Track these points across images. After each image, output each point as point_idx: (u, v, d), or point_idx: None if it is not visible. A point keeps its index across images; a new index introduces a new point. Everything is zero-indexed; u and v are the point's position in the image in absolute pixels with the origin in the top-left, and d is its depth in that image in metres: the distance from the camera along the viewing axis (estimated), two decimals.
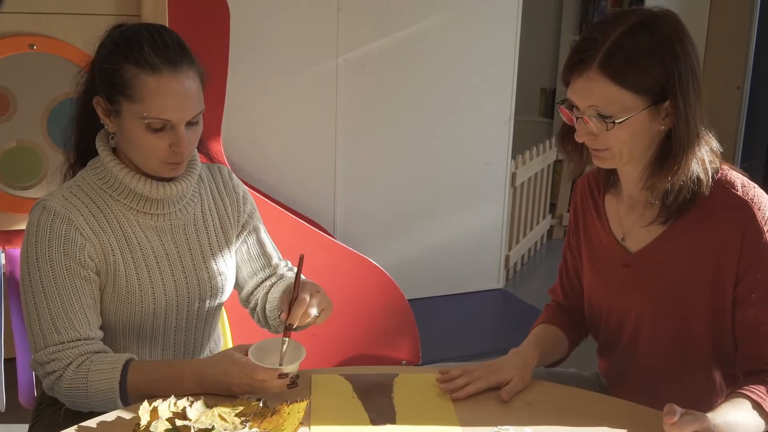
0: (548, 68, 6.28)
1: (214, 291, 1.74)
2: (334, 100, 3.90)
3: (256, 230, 1.84)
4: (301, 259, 1.58)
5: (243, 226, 1.82)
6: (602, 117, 1.49)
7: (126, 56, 1.54)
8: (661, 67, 1.46)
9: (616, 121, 1.48)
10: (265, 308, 1.80)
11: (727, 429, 1.35)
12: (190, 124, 1.58)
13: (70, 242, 1.56)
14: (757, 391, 1.45)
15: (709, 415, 1.32)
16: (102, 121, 1.62)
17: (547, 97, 6.31)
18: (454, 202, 4.30)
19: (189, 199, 1.72)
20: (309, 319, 1.56)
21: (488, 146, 4.34)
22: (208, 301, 1.74)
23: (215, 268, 1.73)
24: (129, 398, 1.49)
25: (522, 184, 4.71)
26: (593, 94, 1.48)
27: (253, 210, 1.85)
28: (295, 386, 1.47)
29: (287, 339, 1.50)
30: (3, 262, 2.66)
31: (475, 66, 4.20)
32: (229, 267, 1.78)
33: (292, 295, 1.55)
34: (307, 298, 1.55)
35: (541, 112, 6.35)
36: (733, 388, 1.51)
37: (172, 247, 1.68)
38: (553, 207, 5.52)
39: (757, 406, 1.44)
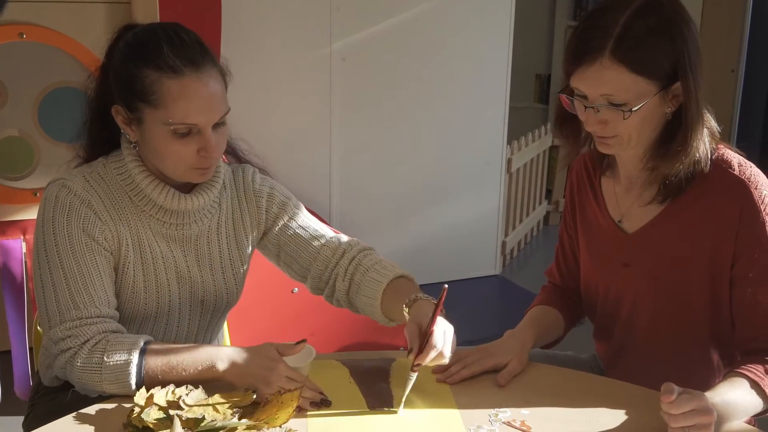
0: (543, 54, 6.25)
1: (219, 304, 1.71)
2: (328, 88, 3.88)
3: (293, 218, 1.74)
4: (444, 291, 1.42)
5: (273, 223, 1.74)
6: (614, 105, 1.46)
7: (145, 60, 1.48)
8: (672, 48, 1.45)
9: (633, 109, 1.45)
10: (348, 293, 1.70)
11: (725, 408, 1.34)
12: (216, 125, 1.52)
13: (89, 222, 1.52)
14: (755, 371, 1.44)
15: (707, 394, 1.32)
16: (123, 130, 1.56)
17: (542, 83, 6.29)
18: (450, 188, 4.29)
19: (206, 210, 1.66)
20: (439, 363, 1.45)
21: (483, 133, 4.32)
22: (210, 313, 1.72)
23: (222, 282, 1.70)
24: (144, 379, 1.43)
25: (518, 170, 4.71)
26: (606, 83, 1.45)
27: (285, 201, 1.75)
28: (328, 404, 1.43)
29: (415, 374, 1.43)
30: None
31: (469, 52, 4.18)
32: (237, 281, 1.73)
33: (427, 329, 1.42)
34: (440, 344, 1.41)
35: (536, 98, 6.33)
36: (730, 368, 1.50)
37: (180, 256, 1.64)
38: (549, 193, 5.51)
39: (755, 385, 1.43)
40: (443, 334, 1.42)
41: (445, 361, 1.44)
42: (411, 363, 1.42)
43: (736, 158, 1.55)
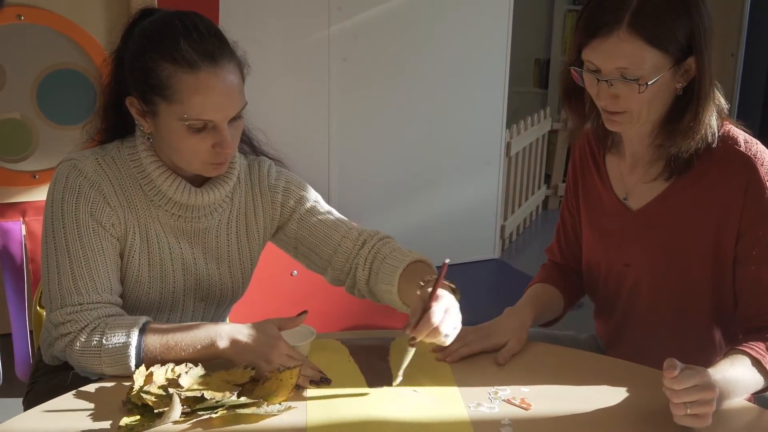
0: (542, 39, 6.24)
1: (224, 297, 1.70)
2: (327, 71, 3.87)
3: (311, 212, 1.72)
4: (445, 266, 1.42)
5: (289, 217, 1.71)
6: (628, 79, 1.45)
7: (161, 52, 1.44)
8: (689, 21, 1.44)
9: (649, 83, 1.44)
10: (368, 282, 1.68)
11: (726, 385, 1.34)
12: (232, 119, 1.49)
13: (98, 206, 1.51)
14: (757, 348, 1.44)
15: (709, 370, 1.32)
16: (137, 122, 1.54)
17: (541, 68, 6.28)
18: (449, 173, 4.29)
19: (218, 204, 1.64)
20: (436, 340, 1.41)
21: (483, 117, 4.32)
22: (215, 306, 1.71)
23: (228, 275, 1.68)
24: (143, 360, 1.43)
25: (517, 154, 4.70)
26: (623, 56, 1.43)
27: (302, 195, 1.72)
28: (326, 383, 1.43)
29: (413, 349, 1.42)
30: None
31: (469, 37, 4.17)
32: (244, 275, 1.71)
33: (426, 305, 1.40)
34: (437, 320, 1.38)
35: (535, 83, 6.32)
36: (732, 346, 1.50)
37: (187, 248, 1.62)
38: (548, 178, 5.51)
39: (756, 362, 1.43)
40: (444, 311, 1.40)
41: (444, 339, 1.40)
42: (408, 337, 1.41)
43: (741, 135, 1.55)
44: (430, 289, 1.42)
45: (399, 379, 1.43)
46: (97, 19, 2.66)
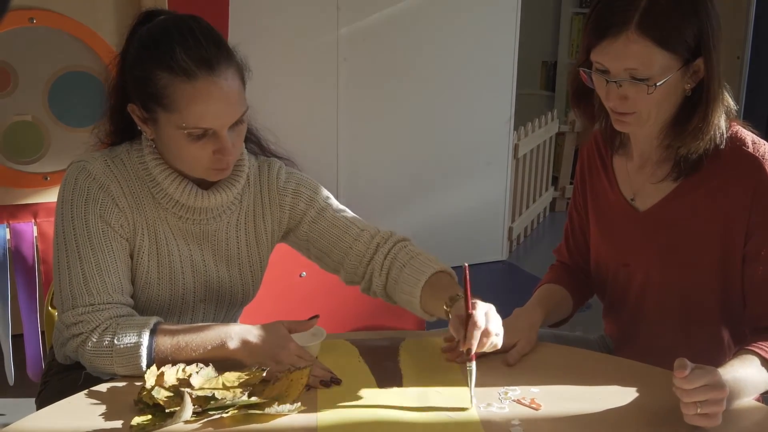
0: (549, 42, 6.24)
1: (234, 299, 1.70)
2: (335, 73, 3.88)
3: (322, 213, 1.70)
4: (466, 269, 1.39)
5: (300, 220, 1.70)
6: (637, 80, 1.45)
7: (157, 61, 1.44)
8: (698, 22, 1.44)
9: (657, 84, 1.44)
10: (385, 288, 1.67)
11: (736, 385, 1.34)
12: (234, 124, 1.49)
13: (107, 208, 1.52)
14: (766, 348, 1.44)
15: (719, 370, 1.32)
16: (139, 128, 1.54)
17: (548, 71, 6.28)
18: (457, 174, 4.30)
19: (226, 207, 1.64)
20: (489, 344, 1.40)
21: (490, 119, 4.32)
22: (225, 309, 1.71)
23: (239, 277, 1.68)
24: (154, 360, 1.43)
25: (524, 155, 4.71)
26: (631, 57, 1.44)
27: (312, 197, 1.71)
28: (337, 383, 1.44)
29: (473, 364, 1.38)
30: (8, 236, 2.66)
31: (477, 40, 4.18)
32: (254, 277, 1.71)
33: (465, 313, 1.39)
34: (483, 323, 1.38)
35: (542, 85, 6.32)
36: (741, 346, 1.50)
37: (196, 250, 1.62)
38: (555, 180, 5.51)
39: (765, 362, 1.43)
40: (485, 315, 1.39)
41: (497, 340, 1.40)
42: (464, 354, 1.39)
43: (749, 136, 1.55)
44: (461, 304, 1.42)
45: (474, 400, 1.39)
46: (108, 22, 2.67)
